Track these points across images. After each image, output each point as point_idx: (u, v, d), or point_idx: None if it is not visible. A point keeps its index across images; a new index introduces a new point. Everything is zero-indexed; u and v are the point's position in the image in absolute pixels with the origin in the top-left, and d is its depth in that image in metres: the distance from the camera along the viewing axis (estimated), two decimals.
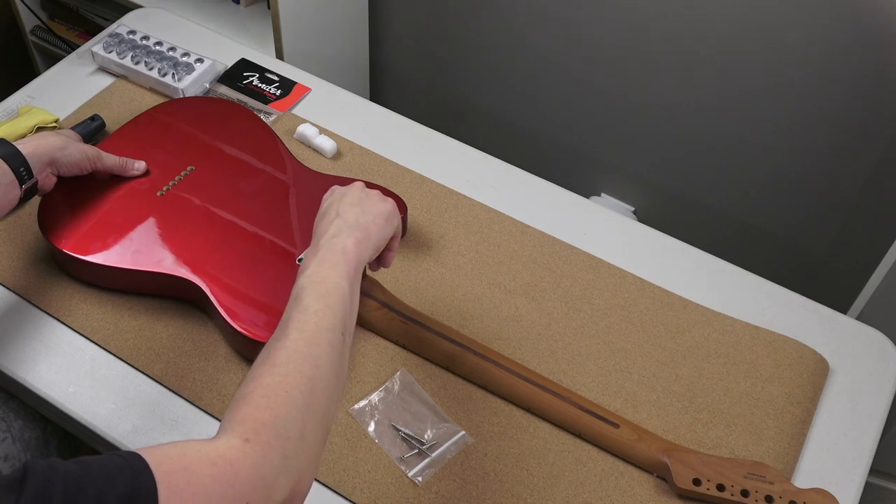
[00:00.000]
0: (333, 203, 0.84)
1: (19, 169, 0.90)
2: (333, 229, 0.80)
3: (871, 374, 0.97)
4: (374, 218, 0.83)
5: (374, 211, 0.83)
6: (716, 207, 1.60)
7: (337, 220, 0.81)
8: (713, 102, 1.46)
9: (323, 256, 0.77)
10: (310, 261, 0.77)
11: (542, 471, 0.86)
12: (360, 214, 0.82)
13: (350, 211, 0.82)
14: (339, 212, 0.82)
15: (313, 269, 0.76)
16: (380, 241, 0.83)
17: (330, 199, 0.85)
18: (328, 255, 0.77)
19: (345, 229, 0.80)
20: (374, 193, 0.86)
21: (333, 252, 0.78)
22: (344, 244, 0.78)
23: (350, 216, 0.82)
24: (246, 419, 0.62)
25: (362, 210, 0.83)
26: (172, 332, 0.95)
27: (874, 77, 1.28)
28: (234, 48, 1.30)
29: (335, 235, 0.79)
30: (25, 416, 0.97)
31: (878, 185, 1.38)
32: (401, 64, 1.85)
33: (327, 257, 0.77)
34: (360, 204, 0.84)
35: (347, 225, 0.80)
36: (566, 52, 1.56)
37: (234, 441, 0.60)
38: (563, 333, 0.98)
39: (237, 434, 0.61)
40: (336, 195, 0.85)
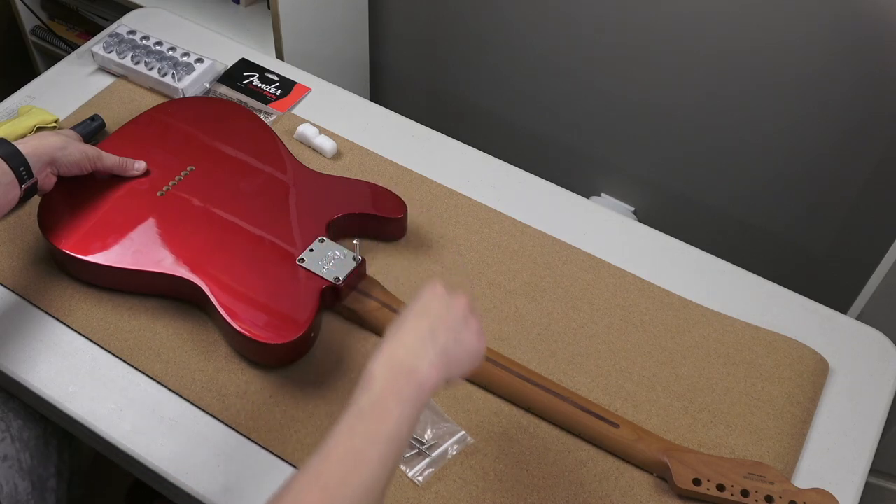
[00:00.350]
0: (432, 309, 0.75)
1: (19, 168, 0.90)
2: (419, 342, 0.71)
3: (871, 374, 0.97)
4: (463, 354, 0.74)
5: (465, 345, 0.74)
6: (716, 207, 1.60)
7: (426, 336, 0.72)
8: (713, 102, 1.46)
9: (397, 379, 0.68)
10: (381, 371, 0.69)
11: (542, 471, 0.86)
12: (451, 342, 0.73)
13: (444, 333, 0.73)
14: (433, 328, 0.72)
15: (380, 392, 0.68)
16: (455, 377, 0.74)
17: (429, 299, 0.76)
18: (403, 381, 0.68)
19: (431, 350, 0.71)
20: (473, 323, 0.77)
21: (410, 380, 0.68)
22: (422, 377, 0.69)
23: (441, 337, 0.72)
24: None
25: (456, 339, 0.73)
26: (172, 332, 0.95)
27: (874, 77, 1.28)
28: (234, 48, 1.30)
29: (419, 353, 0.70)
30: (25, 415, 0.97)
31: (878, 185, 1.38)
32: (401, 64, 1.85)
33: (401, 384, 0.68)
34: (457, 330, 0.74)
35: (436, 346, 0.71)
36: (566, 52, 1.56)
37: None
38: (563, 333, 0.97)
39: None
40: (438, 301, 0.76)
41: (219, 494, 0.84)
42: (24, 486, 0.95)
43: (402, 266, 1.03)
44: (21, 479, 0.94)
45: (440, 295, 0.76)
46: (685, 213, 1.65)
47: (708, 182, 1.58)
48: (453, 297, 0.77)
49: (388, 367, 0.69)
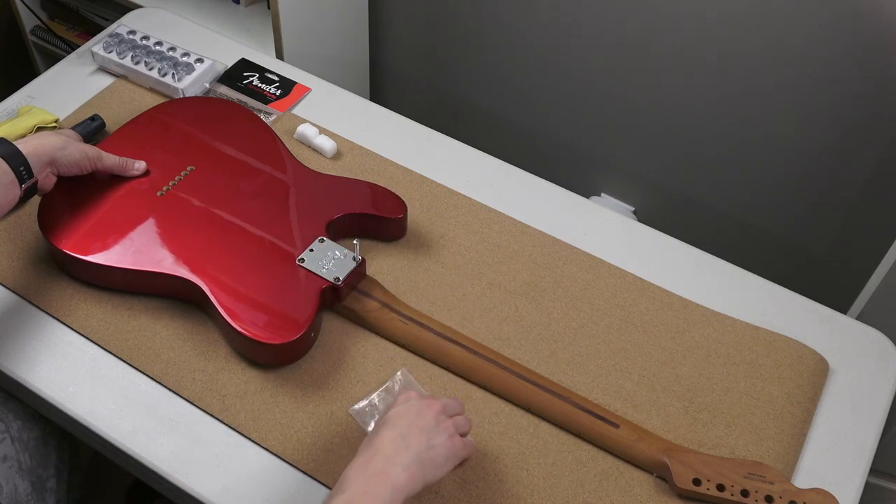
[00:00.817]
0: (402, 415, 0.78)
1: (19, 168, 0.90)
2: (391, 449, 0.75)
3: (871, 374, 0.97)
4: (435, 456, 0.76)
5: (438, 448, 0.77)
6: (716, 207, 1.60)
7: (398, 441, 0.75)
8: (713, 102, 1.46)
9: (369, 485, 0.72)
10: (354, 477, 0.73)
11: (542, 471, 0.86)
12: (423, 446, 0.76)
13: (416, 438, 0.76)
14: (405, 434, 0.76)
15: (353, 496, 0.71)
16: (433, 481, 0.76)
17: (401, 407, 0.79)
18: (376, 485, 0.72)
19: (403, 455, 0.74)
20: (446, 425, 0.79)
21: (383, 484, 0.72)
22: (397, 478, 0.73)
23: (413, 443, 0.76)
24: None
25: (428, 442, 0.77)
26: (172, 332, 0.95)
27: (874, 77, 1.28)
28: (234, 48, 1.30)
29: (392, 459, 0.74)
30: (24, 416, 0.97)
31: (878, 185, 1.38)
32: (401, 64, 1.85)
33: (374, 488, 0.72)
34: (427, 433, 0.77)
35: (408, 453, 0.75)
36: (566, 52, 1.57)
37: None
38: (563, 333, 0.97)
39: None
40: (408, 408, 0.79)
41: (219, 494, 0.84)
42: (24, 486, 0.95)
43: (402, 266, 1.03)
44: (21, 480, 0.94)
45: (413, 401, 0.80)
46: (685, 213, 1.65)
47: (708, 182, 1.58)
48: (426, 403, 0.80)
49: (363, 471, 0.73)
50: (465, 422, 0.82)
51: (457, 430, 0.80)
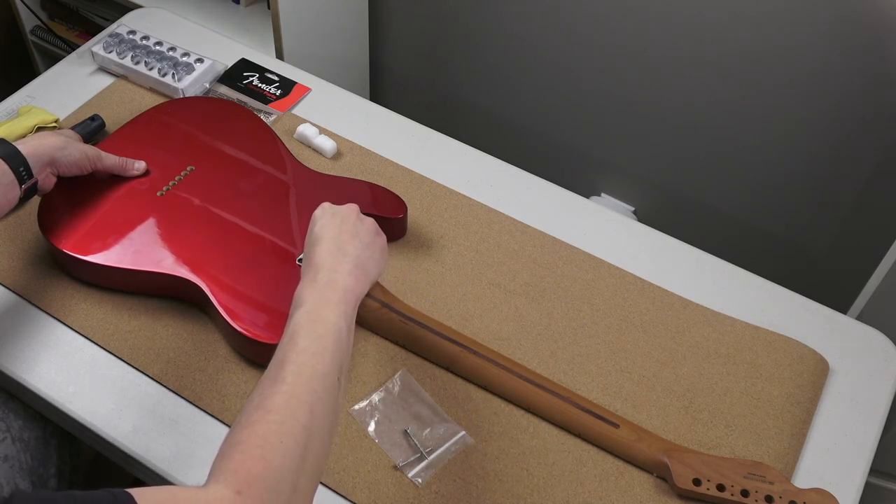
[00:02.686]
0: (328, 227, 0.82)
1: (19, 169, 0.90)
2: (331, 261, 0.78)
3: (871, 374, 0.97)
4: (371, 253, 0.81)
5: (371, 245, 0.82)
6: (715, 207, 1.60)
7: (336, 253, 0.79)
8: (713, 102, 1.46)
9: (322, 293, 0.75)
10: (307, 294, 0.75)
11: (542, 471, 0.86)
12: (359, 248, 0.81)
13: (349, 243, 0.80)
14: (339, 243, 0.80)
15: (311, 306, 0.74)
16: (376, 276, 0.82)
17: (322, 220, 0.83)
18: (328, 292, 0.75)
19: (344, 264, 0.78)
20: (368, 223, 0.84)
21: (334, 290, 0.76)
22: (345, 282, 0.77)
23: (349, 248, 0.80)
24: (239, 469, 0.60)
25: (361, 243, 0.81)
26: (172, 332, 0.95)
27: (874, 77, 1.28)
28: (234, 48, 1.30)
29: (334, 270, 0.77)
30: (25, 416, 0.97)
31: (878, 185, 1.38)
32: (401, 64, 1.85)
33: (327, 294, 0.75)
34: (357, 236, 0.82)
35: (347, 259, 0.79)
36: (567, 52, 1.57)
37: (226, 492, 0.59)
38: (563, 333, 0.98)
39: (229, 484, 0.59)
40: (331, 218, 0.83)
41: None
42: (25, 486, 0.95)
43: (402, 266, 1.03)
44: (21, 480, 0.94)
45: (330, 212, 0.84)
46: (685, 213, 1.65)
47: (708, 182, 1.58)
48: (343, 209, 0.84)
49: (312, 287, 0.76)
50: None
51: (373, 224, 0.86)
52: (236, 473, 0.60)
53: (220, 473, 0.61)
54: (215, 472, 0.61)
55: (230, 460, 0.61)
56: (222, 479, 0.60)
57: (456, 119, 1.86)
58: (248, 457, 0.61)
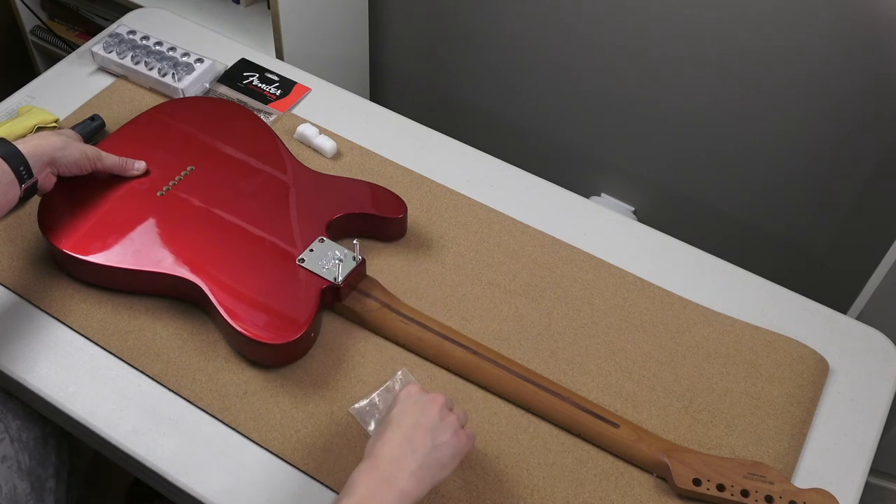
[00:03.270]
0: (406, 414, 0.77)
1: (19, 168, 0.90)
2: (398, 452, 0.74)
3: (871, 374, 0.97)
4: (441, 456, 0.76)
5: (444, 447, 0.76)
6: (715, 207, 1.60)
7: (405, 444, 0.75)
8: (713, 102, 1.46)
9: (378, 489, 0.71)
10: (362, 483, 0.72)
11: (542, 471, 0.86)
12: (430, 447, 0.75)
13: (423, 437, 0.75)
14: (411, 437, 0.75)
15: (362, 498, 0.71)
16: (440, 481, 0.76)
17: (403, 405, 0.79)
18: (384, 489, 0.71)
19: (411, 460, 0.74)
20: (450, 420, 0.78)
21: (391, 489, 0.72)
22: (406, 484, 0.72)
23: (420, 444, 0.75)
24: None
25: (433, 442, 0.76)
26: (172, 332, 0.95)
27: (874, 77, 1.28)
28: (234, 48, 1.30)
29: (399, 464, 0.73)
30: (24, 416, 0.97)
31: (878, 185, 1.38)
32: (401, 64, 1.85)
33: (383, 492, 0.71)
34: (433, 432, 0.76)
35: (416, 455, 0.74)
36: (567, 52, 1.56)
37: None
38: (563, 333, 0.97)
39: None
40: (413, 405, 0.79)
41: (219, 494, 0.84)
42: (24, 486, 0.95)
43: (402, 266, 1.03)
44: (20, 480, 0.94)
45: (415, 398, 0.79)
46: (685, 213, 1.65)
47: (708, 182, 1.58)
48: (429, 398, 0.79)
49: (370, 476, 0.72)
50: (463, 414, 0.82)
51: (459, 423, 0.80)
52: None
53: None
54: None
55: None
56: None
57: (456, 119, 1.86)
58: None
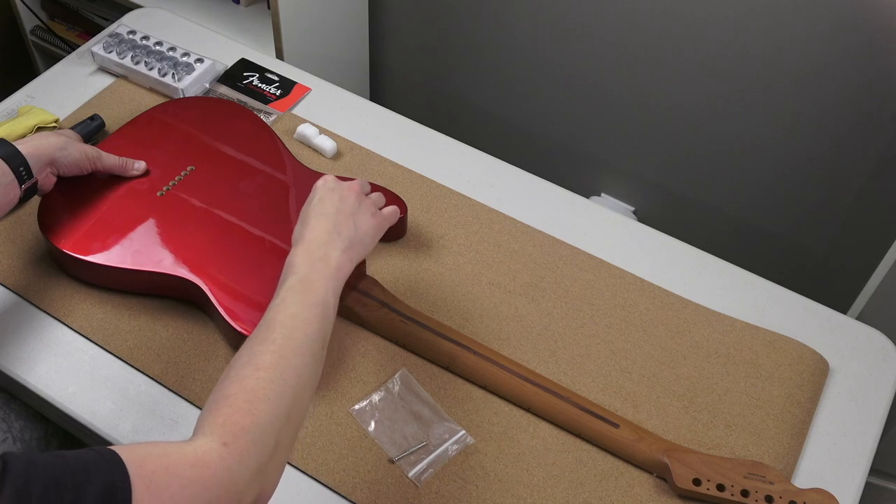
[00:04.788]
0: (328, 204, 0.85)
1: (19, 169, 0.90)
2: (326, 238, 0.82)
3: (871, 374, 0.97)
4: (363, 236, 0.85)
5: (365, 227, 0.85)
6: (716, 207, 1.60)
7: (332, 231, 0.82)
8: (714, 102, 1.46)
9: (315, 266, 0.79)
10: (301, 262, 0.79)
11: (542, 471, 0.86)
12: (353, 229, 0.84)
13: (345, 223, 0.84)
14: (335, 222, 0.83)
15: (305, 275, 0.78)
16: (363, 254, 0.85)
17: (323, 193, 0.86)
18: (320, 265, 0.79)
19: (338, 241, 0.82)
20: (367, 204, 0.87)
21: (326, 265, 0.79)
22: (338, 260, 0.80)
23: (345, 228, 0.83)
24: (227, 422, 0.63)
25: (356, 224, 0.84)
26: (172, 332, 0.95)
27: (874, 77, 1.28)
28: (234, 48, 1.30)
29: (328, 246, 0.81)
30: (27, 416, 0.97)
31: (878, 185, 1.38)
32: (401, 64, 1.85)
33: (319, 267, 0.79)
34: (354, 215, 0.85)
35: (341, 237, 0.82)
36: (566, 52, 1.57)
37: (213, 444, 0.61)
38: (563, 333, 0.98)
39: (217, 437, 0.61)
40: (331, 193, 0.86)
41: None
42: None
43: (402, 266, 1.03)
44: None
45: (332, 186, 0.86)
46: (685, 213, 1.65)
47: (708, 182, 1.58)
48: (345, 186, 0.87)
49: (306, 257, 0.79)
50: (378, 196, 0.92)
51: (375, 206, 0.89)
52: (224, 426, 0.62)
53: (206, 426, 0.63)
54: (202, 426, 0.63)
55: (218, 413, 0.63)
56: (209, 432, 0.62)
57: (456, 119, 1.86)
58: (237, 410, 0.63)
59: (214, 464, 0.59)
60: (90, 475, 0.54)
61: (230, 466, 0.60)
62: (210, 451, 0.60)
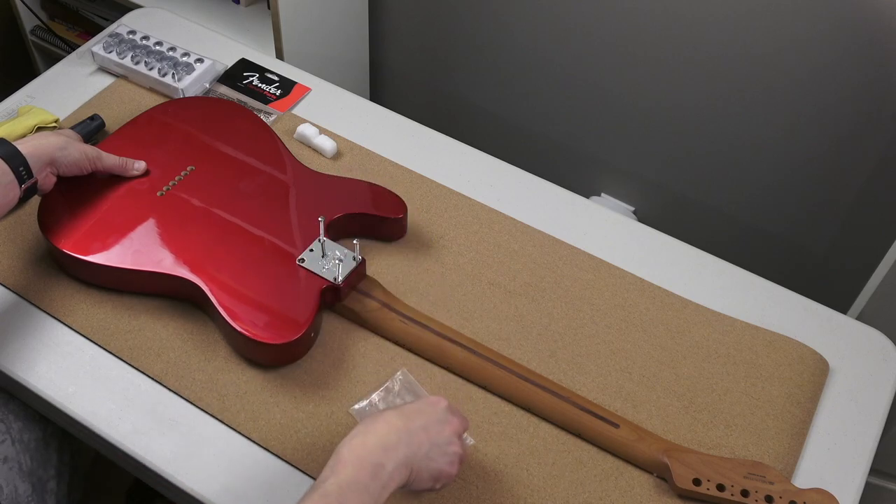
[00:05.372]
0: (423, 415, 0.75)
1: (19, 168, 0.90)
2: (391, 439, 0.72)
3: (871, 374, 0.97)
4: (429, 469, 0.74)
5: (436, 465, 0.74)
6: (716, 207, 1.60)
7: (404, 435, 0.72)
8: (714, 102, 1.46)
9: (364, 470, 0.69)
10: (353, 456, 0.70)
11: (542, 471, 0.86)
12: (424, 456, 0.73)
13: (422, 442, 0.73)
14: (413, 430, 0.73)
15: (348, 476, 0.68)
16: (412, 489, 0.75)
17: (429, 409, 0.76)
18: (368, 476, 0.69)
19: (401, 453, 0.71)
20: (455, 449, 0.76)
21: (375, 478, 0.69)
22: (389, 477, 0.70)
23: (416, 446, 0.72)
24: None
25: (429, 454, 0.73)
26: (172, 332, 0.95)
27: (874, 77, 1.28)
28: (234, 48, 1.30)
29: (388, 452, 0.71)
30: (25, 417, 0.97)
31: (878, 185, 1.38)
32: (401, 64, 1.85)
33: (366, 479, 0.69)
34: (435, 446, 0.74)
35: (408, 450, 0.72)
36: (566, 52, 1.56)
37: None
38: (563, 333, 0.97)
39: None
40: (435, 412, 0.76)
41: (219, 494, 0.84)
42: (25, 487, 0.95)
43: (402, 266, 1.03)
44: (21, 481, 0.94)
45: (437, 408, 0.77)
46: (685, 213, 1.65)
47: (708, 182, 1.58)
48: (449, 418, 0.76)
49: (358, 455, 0.70)
50: (465, 453, 0.80)
51: (460, 457, 0.77)
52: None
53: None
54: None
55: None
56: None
57: (456, 119, 1.86)
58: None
59: None
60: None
61: None
62: None
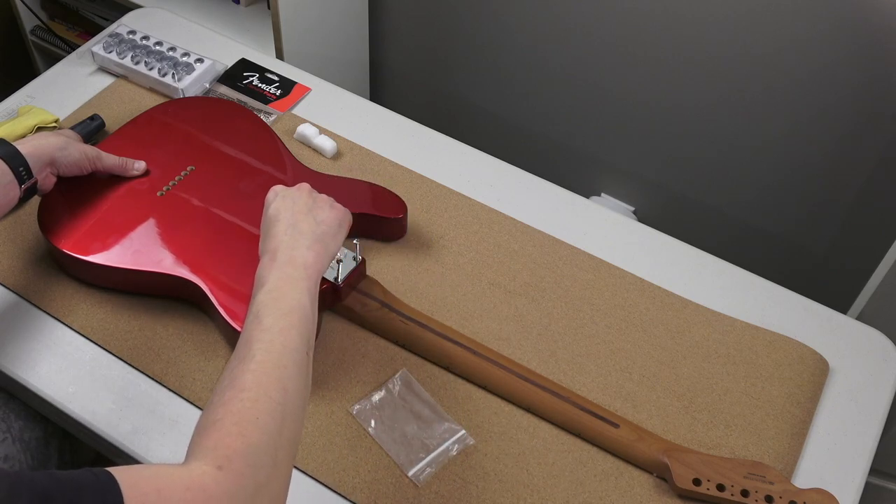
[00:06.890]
0: (282, 209, 0.83)
1: (19, 169, 0.90)
2: (289, 240, 0.79)
3: (871, 374, 0.97)
4: (327, 228, 0.82)
5: (328, 219, 0.83)
6: (716, 207, 1.60)
7: (291, 231, 0.80)
8: (714, 102, 1.46)
9: (283, 271, 0.76)
10: (268, 274, 0.76)
11: (542, 471, 0.86)
12: (314, 225, 0.81)
13: (304, 221, 0.81)
14: (293, 222, 0.81)
15: (273, 284, 0.75)
16: (336, 249, 0.83)
17: (276, 203, 0.84)
18: (288, 269, 0.76)
19: (302, 241, 0.79)
20: (322, 199, 0.86)
21: (294, 266, 0.77)
22: (304, 258, 0.78)
23: (305, 226, 0.81)
24: (218, 445, 0.61)
25: (315, 220, 0.82)
26: (172, 332, 0.95)
27: (874, 77, 1.28)
28: (234, 48, 1.30)
29: (293, 248, 0.78)
30: (26, 416, 0.97)
31: (878, 185, 1.38)
32: (401, 64, 1.85)
33: (287, 272, 0.76)
34: (311, 212, 0.83)
35: (304, 236, 0.80)
36: (566, 52, 1.57)
37: (207, 468, 0.59)
38: (563, 333, 0.97)
39: (209, 461, 0.59)
40: (283, 200, 0.84)
41: None
42: None
43: (402, 266, 1.03)
44: None
45: (282, 193, 0.85)
46: (685, 213, 1.65)
47: (708, 182, 1.58)
48: (294, 189, 0.85)
49: (272, 265, 0.77)
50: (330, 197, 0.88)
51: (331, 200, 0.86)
52: (216, 450, 0.60)
53: (198, 451, 0.61)
54: (194, 450, 0.62)
55: (208, 438, 0.62)
56: (202, 457, 0.60)
57: (456, 119, 1.86)
58: (226, 434, 0.62)
59: (211, 487, 0.58)
60: (82, 494, 0.53)
61: (227, 490, 0.58)
62: (205, 474, 0.58)
